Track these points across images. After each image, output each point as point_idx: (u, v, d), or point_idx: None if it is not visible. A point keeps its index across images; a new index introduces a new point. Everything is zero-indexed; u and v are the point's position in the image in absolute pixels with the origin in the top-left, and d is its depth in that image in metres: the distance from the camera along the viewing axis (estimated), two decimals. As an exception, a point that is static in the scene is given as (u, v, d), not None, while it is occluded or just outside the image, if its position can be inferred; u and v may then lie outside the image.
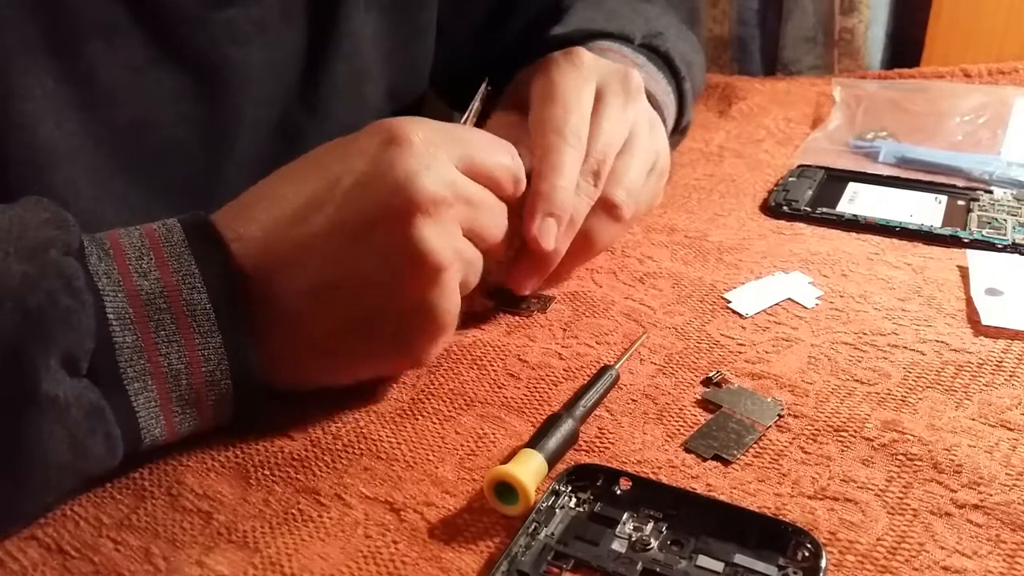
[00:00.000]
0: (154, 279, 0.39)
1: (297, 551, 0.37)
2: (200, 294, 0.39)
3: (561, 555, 0.35)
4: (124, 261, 0.39)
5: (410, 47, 0.65)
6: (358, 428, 0.44)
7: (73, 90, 0.46)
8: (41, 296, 0.35)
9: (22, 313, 0.34)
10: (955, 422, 0.42)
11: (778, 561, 0.35)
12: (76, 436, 0.36)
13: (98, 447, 0.37)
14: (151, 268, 0.39)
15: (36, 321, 0.35)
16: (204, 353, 0.39)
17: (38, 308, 0.35)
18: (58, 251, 0.37)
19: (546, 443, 0.40)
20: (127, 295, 0.38)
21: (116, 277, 0.38)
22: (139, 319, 0.38)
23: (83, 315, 0.36)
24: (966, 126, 0.79)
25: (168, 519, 0.39)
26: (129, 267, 0.39)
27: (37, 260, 0.36)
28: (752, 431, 0.42)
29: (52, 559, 0.37)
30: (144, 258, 0.39)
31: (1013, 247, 0.58)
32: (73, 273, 0.36)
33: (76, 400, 0.36)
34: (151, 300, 0.38)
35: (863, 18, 1.08)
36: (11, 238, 0.36)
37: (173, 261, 0.39)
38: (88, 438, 0.36)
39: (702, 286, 0.56)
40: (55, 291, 0.35)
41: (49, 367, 0.35)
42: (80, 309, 0.36)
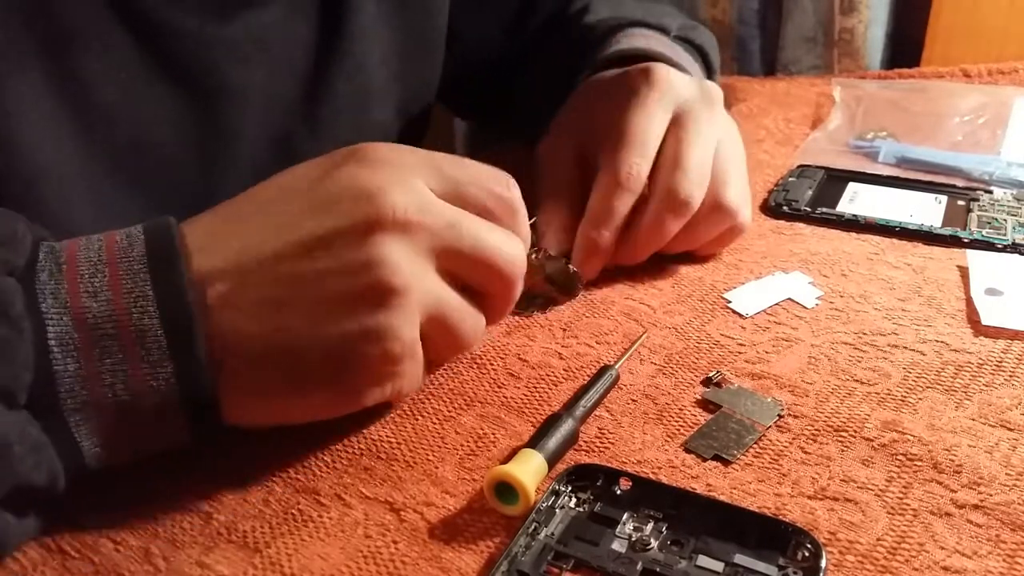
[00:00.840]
0: (104, 299, 0.36)
1: (297, 551, 0.37)
2: (152, 319, 0.36)
3: (561, 555, 0.35)
4: (75, 278, 0.36)
5: (420, 63, 0.64)
6: (358, 428, 0.44)
7: (70, 110, 0.45)
8: None
9: None
10: (955, 422, 0.43)
11: (778, 561, 0.35)
12: (19, 474, 0.33)
13: (41, 482, 0.35)
14: (103, 287, 0.36)
15: None
16: (154, 384, 0.36)
17: None
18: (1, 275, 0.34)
19: (546, 443, 0.40)
20: (72, 318, 0.35)
21: (63, 298, 0.35)
22: (83, 345, 0.35)
23: (20, 345, 0.34)
24: (966, 126, 0.80)
25: (168, 519, 0.39)
26: (80, 287, 0.36)
27: None
28: (752, 431, 0.42)
29: (52, 559, 0.37)
30: (97, 276, 0.36)
31: (1013, 247, 0.58)
32: (9, 299, 0.34)
33: (18, 437, 0.33)
34: (98, 324, 0.35)
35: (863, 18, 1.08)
36: None
37: (127, 280, 0.36)
38: (32, 473, 0.34)
39: (702, 286, 0.56)
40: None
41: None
42: (16, 338, 0.33)
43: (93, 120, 0.46)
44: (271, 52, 0.53)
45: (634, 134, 0.54)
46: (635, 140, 0.53)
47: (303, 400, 0.40)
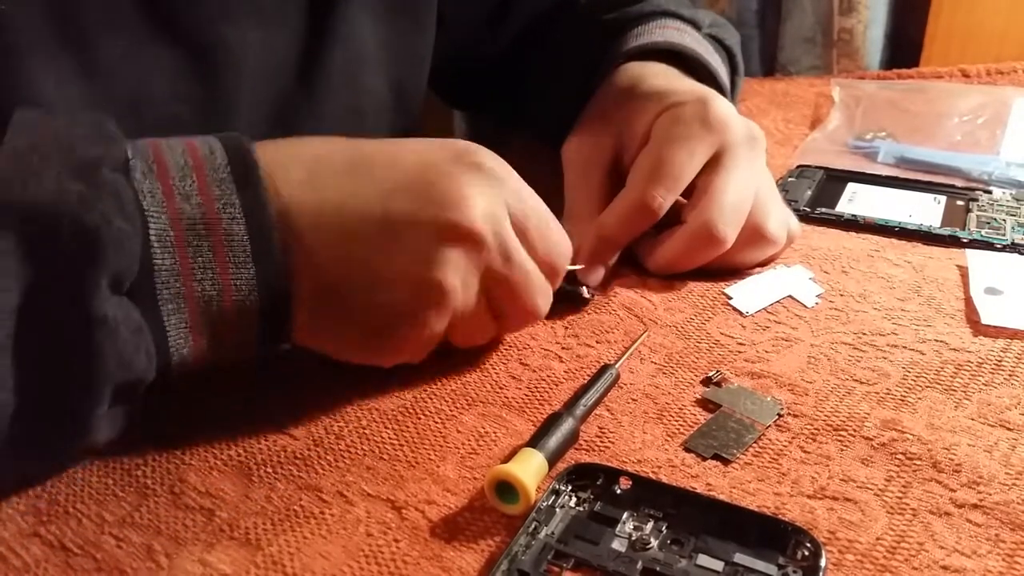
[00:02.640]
0: (195, 203, 0.39)
1: (299, 549, 0.37)
2: (239, 224, 0.39)
3: (561, 554, 0.36)
4: (168, 181, 0.39)
5: (409, 36, 0.65)
6: (360, 427, 0.44)
7: (74, 61, 0.46)
8: (96, 217, 0.35)
9: (80, 233, 0.35)
10: (954, 421, 0.43)
11: (778, 560, 0.35)
12: (123, 353, 0.36)
13: (141, 363, 0.37)
14: (193, 191, 0.39)
15: (92, 243, 0.35)
16: (236, 283, 0.39)
17: (94, 229, 0.35)
18: (109, 169, 0.37)
19: (546, 442, 0.40)
20: (169, 218, 0.38)
21: (160, 198, 0.38)
22: (179, 243, 0.38)
23: (134, 238, 0.36)
24: (965, 126, 0.80)
25: (170, 516, 0.39)
26: (173, 188, 0.39)
27: (91, 179, 0.36)
28: (752, 430, 0.43)
29: (55, 556, 0.37)
30: (187, 179, 0.39)
31: (1012, 247, 0.59)
32: (125, 195, 0.37)
33: (124, 319, 0.36)
34: (192, 225, 0.38)
35: (862, 18, 1.08)
36: (60, 154, 0.37)
37: (215, 187, 0.39)
38: (134, 355, 0.37)
39: (703, 281, 0.56)
40: (109, 212, 0.36)
41: (100, 287, 0.35)
42: (132, 232, 0.36)
43: (95, 73, 0.47)
44: (265, 15, 0.54)
45: (671, 167, 0.54)
46: (670, 174, 0.54)
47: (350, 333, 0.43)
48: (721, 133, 0.55)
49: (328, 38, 0.58)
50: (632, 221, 0.55)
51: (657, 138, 0.55)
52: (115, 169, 0.37)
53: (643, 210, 0.54)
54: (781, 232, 0.57)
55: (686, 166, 0.54)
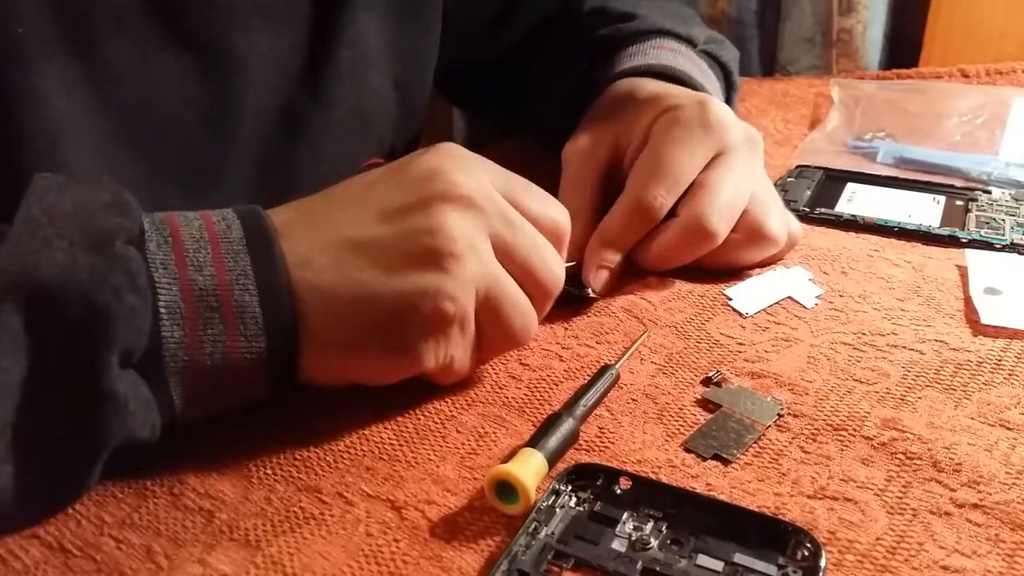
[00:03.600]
0: (208, 275, 0.39)
1: (299, 550, 0.37)
2: (251, 296, 0.39)
3: (561, 554, 0.35)
4: (182, 253, 0.39)
5: (414, 37, 0.65)
6: (360, 427, 0.44)
7: (82, 66, 0.46)
8: (108, 293, 0.35)
9: (89, 310, 0.35)
10: (954, 421, 0.43)
11: (778, 560, 0.35)
12: (131, 428, 0.37)
13: (145, 434, 0.38)
14: (207, 263, 0.39)
15: (102, 319, 0.35)
16: (247, 355, 0.39)
17: (104, 306, 0.35)
18: (122, 242, 0.37)
19: (546, 442, 0.40)
20: (180, 289, 0.38)
21: (172, 269, 0.38)
22: (189, 315, 0.38)
23: (144, 314, 0.37)
24: (964, 126, 0.80)
25: (170, 517, 0.39)
26: (186, 259, 0.39)
27: (103, 253, 0.36)
28: (752, 430, 0.43)
29: (54, 557, 0.37)
30: (201, 251, 0.39)
31: (1011, 247, 0.59)
32: (137, 269, 0.37)
33: (134, 395, 0.36)
34: (202, 297, 0.39)
35: (861, 19, 1.08)
36: (74, 225, 0.37)
37: (229, 259, 0.40)
38: (140, 428, 0.37)
39: (703, 282, 0.56)
40: (121, 288, 0.36)
41: (111, 365, 0.35)
42: (142, 308, 0.36)
43: (103, 78, 0.47)
44: (273, 20, 0.54)
45: (670, 167, 0.54)
46: (670, 174, 0.54)
47: (368, 354, 0.42)
48: (720, 135, 0.55)
49: (334, 42, 0.58)
50: (633, 222, 0.55)
51: (656, 139, 0.55)
52: (129, 241, 0.37)
53: (644, 210, 0.54)
54: (782, 231, 0.57)
55: (686, 167, 0.54)
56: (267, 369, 0.40)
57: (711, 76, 0.67)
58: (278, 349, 0.40)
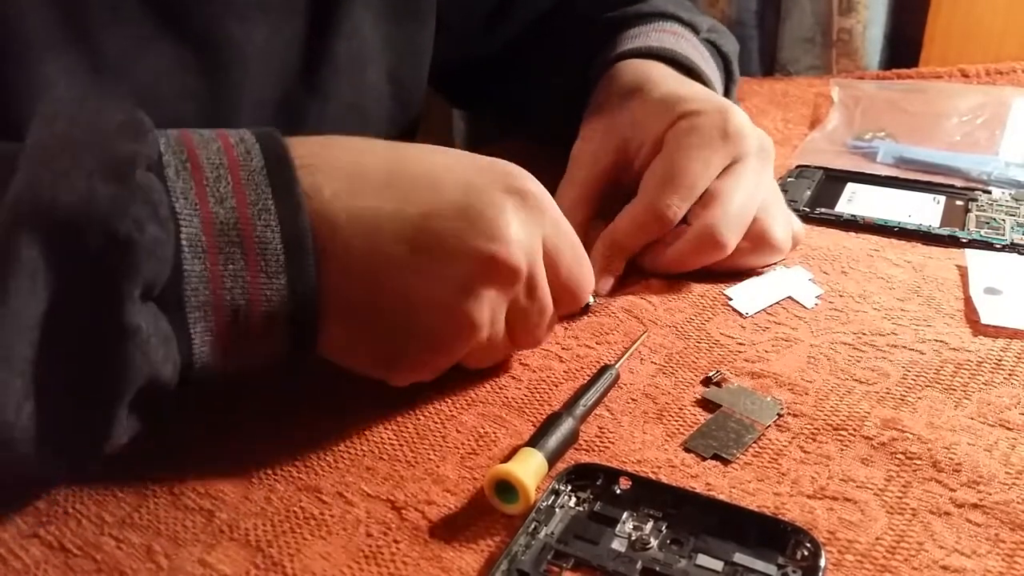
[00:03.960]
0: (229, 208, 0.37)
1: (299, 549, 0.37)
2: (273, 232, 0.38)
3: (561, 554, 0.35)
4: (202, 182, 0.37)
5: (409, 31, 0.65)
6: (360, 427, 0.44)
7: (81, 58, 0.46)
8: (129, 224, 0.34)
9: (110, 241, 0.33)
10: (954, 421, 0.43)
11: (777, 560, 0.35)
12: (153, 363, 0.35)
13: (168, 372, 0.36)
14: (228, 194, 0.38)
15: (124, 252, 0.34)
16: (266, 293, 0.38)
17: (126, 237, 0.34)
18: (142, 171, 0.35)
19: (546, 442, 0.40)
20: (202, 222, 0.37)
21: (193, 200, 0.37)
22: (210, 249, 0.37)
23: (167, 244, 0.35)
24: (964, 126, 0.80)
25: (170, 517, 0.39)
26: (207, 190, 0.37)
27: (124, 182, 0.34)
28: (751, 430, 0.43)
29: (54, 557, 0.37)
30: (221, 181, 0.38)
31: (1011, 247, 0.59)
32: (159, 198, 0.35)
33: (155, 330, 0.35)
34: (224, 231, 0.37)
35: (861, 18, 1.08)
36: (91, 152, 0.35)
37: (250, 191, 0.38)
38: (162, 365, 0.36)
39: (703, 282, 0.56)
40: (142, 219, 0.34)
41: (133, 298, 0.34)
42: (165, 240, 0.35)
43: (101, 70, 0.47)
44: (270, 13, 0.54)
45: (687, 176, 0.54)
46: (685, 183, 0.54)
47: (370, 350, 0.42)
48: (737, 144, 0.55)
49: (331, 34, 0.58)
50: (646, 228, 0.55)
51: (673, 146, 0.55)
52: (149, 168, 0.36)
53: (657, 218, 0.54)
54: (787, 238, 0.57)
55: (701, 176, 0.54)
56: (287, 316, 0.39)
57: (712, 64, 0.67)
58: (298, 292, 0.38)
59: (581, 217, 0.57)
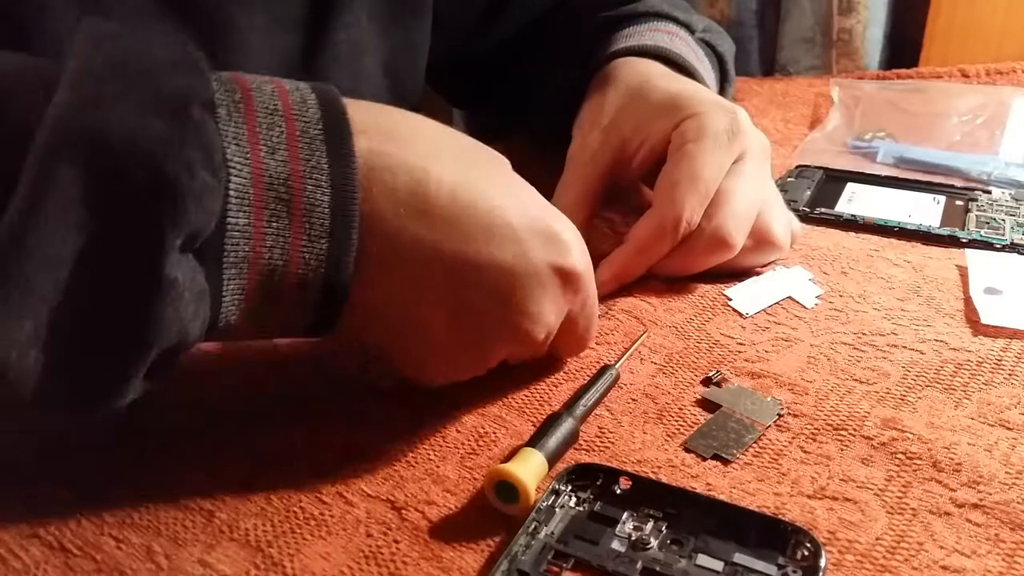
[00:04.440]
0: (281, 160, 0.35)
1: (299, 549, 0.37)
2: (324, 194, 0.36)
3: (561, 554, 0.35)
4: (255, 127, 0.35)
5: (406, 25, 0.65)
6: (360, 427, 0.44)
7: None
8: (180, 166, 0.31)
9: (159, 182, 0.31)
10: (954, 421, 0.43)
11: (777, 560, 0.35)
12: (184, 319, 0.33)
13: (196, 330, 0.34)
14: (280, 145, 0.35)
15: (172, 194, 0.31)
16: (305, 256, 0.36)
17: (175, 179, 0.31)
18: (197, 110, 0.33)
19: (546, 442, 0.40)
20: (252, 172, 0.35)
21: (245, 147, 0.35)
22: (256, 203, 0.35)
23: (216, 194, 0.33)
24: (964, 126, 0.80)
25: (170, 517, 0.39)
26: (259, 136, 0.35)
27: (178, 120, 0.32)
28: (752, 430, 0.43)
29: (54, 557, 0.37)
30: (275, 128, 0.36)
31: (1011, 247, 0.59)
32: (214, 143, 0.33)
33: (190, 283, 0.33)
34: (273, 185, 0.35)
35: (861, 18, 1.08)
36: (145, 83, 0.32)
37: (304, 145, 0.36)
38: (191, 322, 0.34)
39: (703, 282, 0.56)
40: (194, 163, 0.32)
41: (173, 247, 0.32)
42: (216, 188, 0.33)
43: None
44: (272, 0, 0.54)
45: (702, 180, 0.53)
46: (701, 189, 0.53)
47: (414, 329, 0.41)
48: (742, 143, 0.55)
49: (331, 23, 0.58)
50: (666, 236, 0.54)
51: (684, 149, 0.54)
52: (204, 107, 0.33)
53: (677, 225, 0.53)
54: (786, 236, 0.57)
55: (715, 179, 0.54)
56: (321, 283, 0.37)
57: (707, 64, 0.67)
58: (337, 259, 0.36)
59: (582, 217, 0.57)
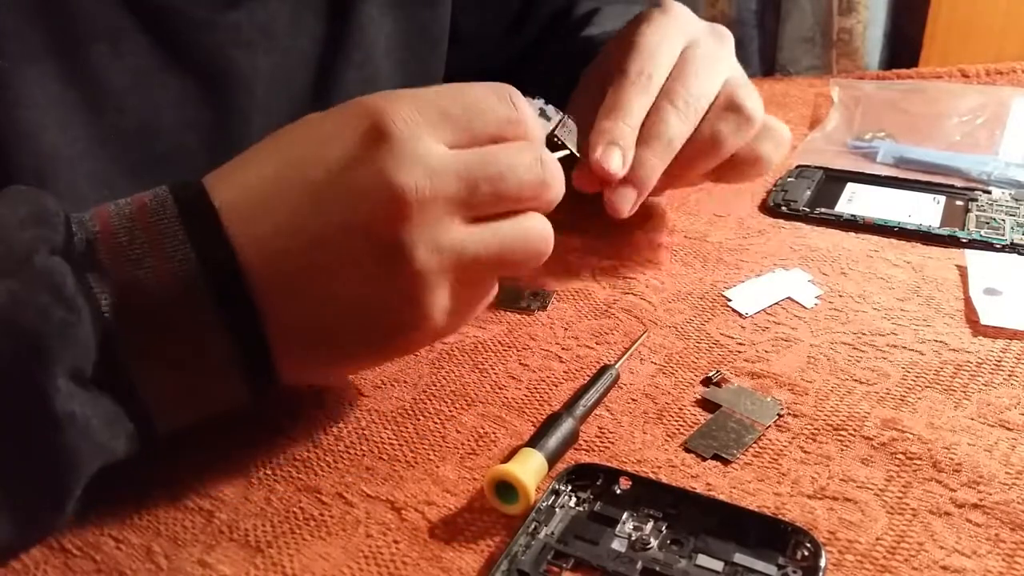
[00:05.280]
0: (149, 268, 0.35)
1: (298, 550, 0.37)
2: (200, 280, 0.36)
3: (561, 554, 0.36)
4: (117, 248, 0.36)
5: (423, 56, 0.65)
6: (359, 428, 0.44)
7: (79, 94, 0.46)
8: (32, 314, 0.32)
9: (17, 336, 0.32)
10: (954, 421, 0.43)
11: (777, 560, 0.35)
12: (101, 443, 0.34)
13: (122, 448, 0.36)
14: (144, 255, 0.36)
15: (33, 342, 0.32)
16: (210, 342, 0.36)
17: (33, 328, 0.32)
18: (42, 256, 0.34)
19: (546, 442, 0.40)
20: (120, 289, 0.35)
21: (108, 268, 0.35)
22: (136, 313, 0.35)
23: (80, 326, 0.33)
24: (964, 126, 0.80)
25: (170, 518, 0.39)
26: (123, 256, 0.36)
27: (22, 273, 0.33)
28: (752, 430, 0.43)
29: (54, 557, 0.37)
30: (136, 242, 0.36)
31: (1011, 247, 0.59)
32: (60, 281, 0.33)
33: (94, 412, 0.34)
34: (147, 293, 0.35)
35: (861, 19, 1.08)
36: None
37: (168, 243, 0.36)
38: (112, 442, 0.35)
39: (702, 283, 0.56)
40: (45, 306, 0.33)
41: (58, 387, 0.33)
42: (76, 321, 0.33)
43: (102, 105, 0.47)
44: (277, 40, 0.54)
45: (648, 47, 0.54)
46: (648, 52, 0.53)
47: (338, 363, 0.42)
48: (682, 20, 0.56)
49: (343, 64, 0.58)
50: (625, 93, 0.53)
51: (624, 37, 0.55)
52: (53, 251, 0.34)
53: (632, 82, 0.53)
54: (759, 107, 0.56)
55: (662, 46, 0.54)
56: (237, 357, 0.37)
57: None
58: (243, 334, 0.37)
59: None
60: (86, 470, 0.34)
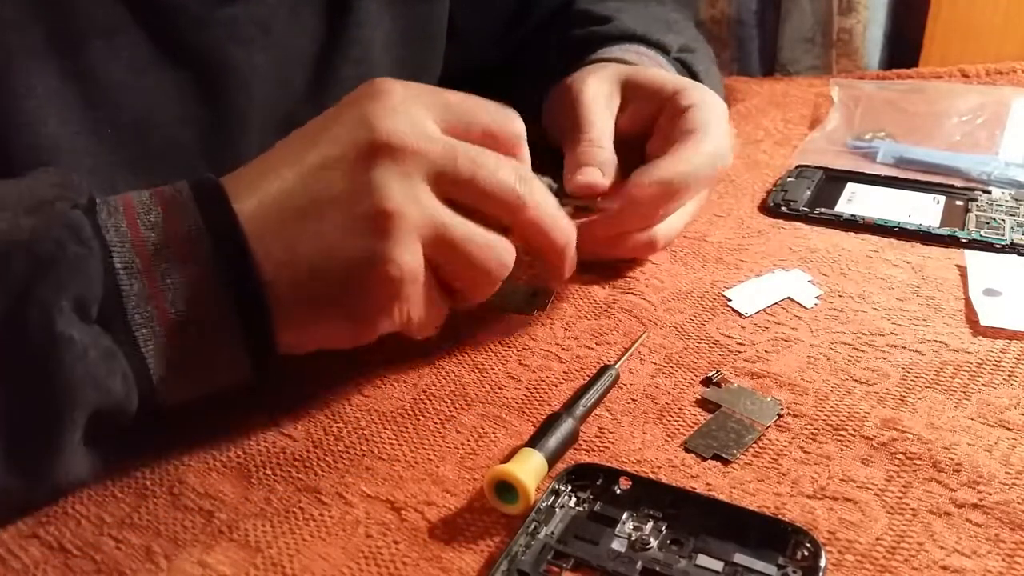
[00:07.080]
0: (160, 231, 0.39)
1: (298, 551, 0.37)
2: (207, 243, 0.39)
3: (561, 554, 0.36)
4: (133, 216, 0.39)
5: (421, 52, 0.65)
6: (359, 428, 0.44)
7: (76, 88, 0.46)
8: (50, 244, 0.36)
9: (33, 261, 0.36)
10: (954, 421, 0.43)
11: (777, 560, 0.35)
12: (97, 376, 0.36)
13: (118, 387, 0.37)
14: (158, 222, 0.39)
15: (47, 267, 0.36)
16: (212, 300, 0.39)
17: (48, 255, 0.36)
18: (64, 205, 0.38)
19: (546, 442, 0.40)
20: (133, 246, 0.38)
21: (124, 230, 0.39)
22: (145, 268, 0.38)
23: (91, 261, 0.37)
24: (964, 126, 0.80)
25: (169, 518, 0.39)
26: (137, 220, 0.39)
27: (43, 212, 0.37)
28: (751, 430, 0.43)
29: (54, 557, 0.37)
30: (152, 213, 0.39)
31: (1011, 247, 0.59)
32: (79, 223, 0.37)
33: (92, 343, 0.36)
34: (157, 250, 0.39)
35: (861, 18, 1.08)
36: (20, 202, 0.37)
37: (178, 214, 0.39)
38: (108, 378, 0.37)
39: (702, 284, 0.56)
40: (63, 239, 0.36)
41: (62, 309, 0.35)
42: (88, 255, 0.37)
43: (99, 99, 0.47)
44: (274, 36, 0.54)
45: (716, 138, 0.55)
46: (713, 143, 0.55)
47: (327, 324, 0.42)
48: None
49: (340, 60, 0.58)
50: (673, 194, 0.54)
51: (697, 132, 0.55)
52: (72, 206, 0.38)
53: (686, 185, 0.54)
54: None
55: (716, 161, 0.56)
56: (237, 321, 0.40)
57: None
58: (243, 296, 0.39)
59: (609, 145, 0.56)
60: (81, 400, 0.36)
